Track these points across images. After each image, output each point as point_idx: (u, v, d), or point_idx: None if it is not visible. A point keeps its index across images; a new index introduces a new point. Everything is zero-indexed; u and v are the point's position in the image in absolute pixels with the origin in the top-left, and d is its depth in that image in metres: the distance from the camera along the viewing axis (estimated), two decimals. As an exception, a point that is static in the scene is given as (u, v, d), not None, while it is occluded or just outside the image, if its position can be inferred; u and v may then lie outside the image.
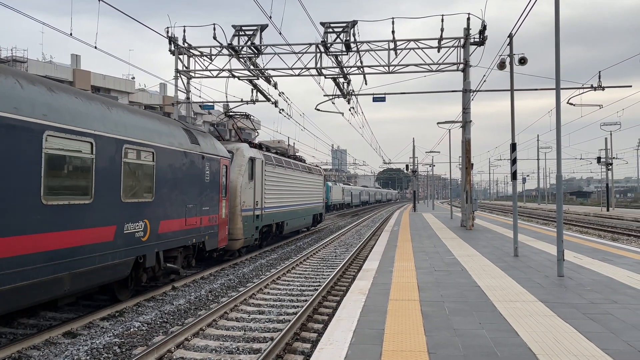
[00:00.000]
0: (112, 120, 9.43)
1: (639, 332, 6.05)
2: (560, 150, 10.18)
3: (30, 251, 7.25)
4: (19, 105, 7.12)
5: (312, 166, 29.63)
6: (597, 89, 22.94)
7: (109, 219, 9.17)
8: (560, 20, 9.90)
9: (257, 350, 7.49)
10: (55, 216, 7.77)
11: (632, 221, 38.04)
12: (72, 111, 8.32)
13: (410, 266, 11.35)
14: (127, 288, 10.63)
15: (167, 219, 11.36)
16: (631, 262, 11.84)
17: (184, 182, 12.23)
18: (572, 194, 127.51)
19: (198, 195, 13.05)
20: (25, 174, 7.16)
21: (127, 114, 10.23)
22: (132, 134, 9.97)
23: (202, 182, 13.30)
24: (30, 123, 7.28)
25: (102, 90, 57.31)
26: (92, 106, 9.01)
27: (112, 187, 9.30)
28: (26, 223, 7.19)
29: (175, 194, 11.73)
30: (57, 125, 7.84)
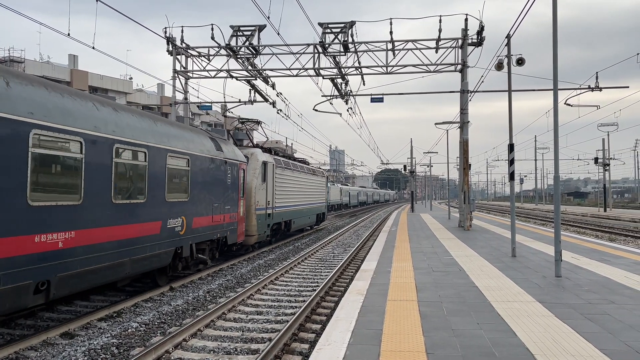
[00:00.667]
0: (158, 133, 11.25)
1: (637, 332, 6.07)
2: (557, 151, 10.20)
3: (105, 240, 9.14)
4: (96, 124, 9.07)
5: (315, 168, 31.29)
6: (595, 89, 23.00)
7: (157, 215, 10.96)
8: (557, 20, 9.92)
9: (255, 350, 7.48)
10: (121, 212, 9.65)
11: (629, 222, 38.13)
12: (133, 127, 10.24)
13: (408, 266, 11.36)
14: (166, 275, 12.27)
15: (199, 216, 13.16)
16: (628, 263, 11.87)
17: (211, 184, 14.03)
18: (569, 195, 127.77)
19: (221, 196, 14.82)
20: (104, 180, 9.18)
21: (169, 127, 12.07)
22: (174, 145, 11.80)
23: (224, 184, 15.09)
24: (106, 139, 9.28)
25: (99, 91, 57.23)
26: (143, 122, 10.83)
27: (160, 189, 11.09)
28: (102, 217, 9.09)
29: (204, 194, 13.52)
30: (125, 139, 9.82)
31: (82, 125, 8.67)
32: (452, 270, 10.88)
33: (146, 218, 10.51)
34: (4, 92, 7.12)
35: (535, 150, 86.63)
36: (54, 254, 7.87)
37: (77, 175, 8.47)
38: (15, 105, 7.23)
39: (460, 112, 22.62)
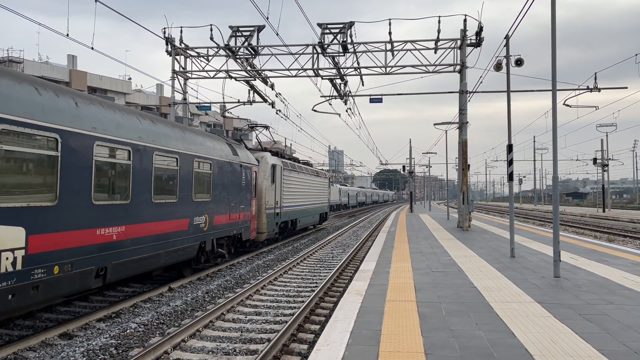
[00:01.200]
0: (187, 141, 12.81)
1: (635, 332, 6.07)
2: (556, 151, 10.21)
3: (146, 234, 10.59)
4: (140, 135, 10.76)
5: (318, 170, 32.92)
6: (593, 90, 23.02)
7: (186, 213, 12.44)
8: (556, 21, 9.93)
9: (253, 351, 7.48)
10: (159, 210, 11.10)
11: (628, 222, 38.17)
12: (167, 136, 11.76)
13: (407, 267, 11.36)
14: (190, 267, 13.72)
15: (219, 214, 14.61)
16: (627, 263, 11.88)
17: (229, 186, 15.50)
18: (568, 195, 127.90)
19: (237, 196, 16.35)
20: (146, 182, 10.63)
21: (195, 136, 13.64)
22: (199, 151, 13.33)
23: (240, 185, 16.62)
24: (147, 147, 10.74)
25: (98, 91, 57.17)
26: (175, 132, 12.35)
27: (188, 190, 12.54)
28: (145, 214, 10.54)
29: (223, 195, 15.00)
30: (162, 147, 11.33)
31: (130, 136, 10.08)
32: (451, 270, 10.89)
33: (177, 216, 12.05)
34: (74, 111, 8.57)
35: (534, 151, 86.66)
36: (110, 245, 9.39)
37: (126, 179, 9.96)
38: (83, 121, 8.71)
39: (459, 113, 22.64)
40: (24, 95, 7.51)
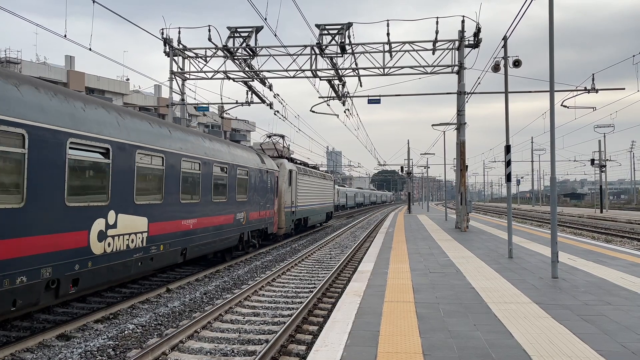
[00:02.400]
0: (232, 154, 16.16)
1: (633, 333, 6.08)
2: (554, 152, 10.23)
3: (209, 225, 13.98)
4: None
5: (325, 173, 36.50)
6: (591, 91, 23.06)
7: (231, 210, 15.87)
8: (553, 22, 9.95)
9: (252, 352, 7.47)
10: (216, 207, 14.56)
11: (626, 223, 38.24)
12: (222, 152, 15.35)
13: (405, 268, 11.37)
14: (231, 253, 16.99)
15: (252, 211, 18.15)
16: (625, 264, 11.90)
17: (259, 188, 18.96)
18: (566, 196, 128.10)
19: (264, 196, 19.72)
20: (210, 186, 14.03)
21: (236, 149, 17.22)
22: (240, 162, 16.79)
23: (266, 188, 19.99)
24: (209, 160, 14.19)
25: (96, 92, 57.08)
26: (224, 147, 15.77)
27: (233, 192, 15.94)
28: (208, 210, 13.97)
29: (256, 195, 18.46)
30: (219, 161, 14.91)
31: (199, 153, 13.53)
32: (449, 271, 10.89)
33: (226, 212, 15.43)
34: (185, 141, 12.81)
35: (532, 152, 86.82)
36: (188, 232, 12.70)
37: (198, 184, 13.36)
38: (178, 144, 12.36)
39: (457, 114, 22.66)
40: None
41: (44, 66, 53.18)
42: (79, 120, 8.66)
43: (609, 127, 51.78)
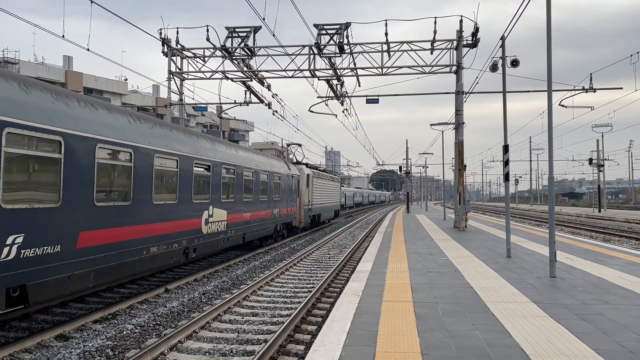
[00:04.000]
0: (270, 164, 21.03)
1: (631, 332, 6.10)
2: (552, 151, 10.25)
3: (257, 218, 18.63)
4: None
5: (334, 176, 40.98)
6: (589, 91, 23.09)
7: (270, 206, 20.88)
8: (551, 21, 9.96)
9: (250, 352, 7.48)
10: (262, 204, 19.23)
11: (624, 222, 38.31)
12: (265, 164, 20.30)
13: (403, 267, 11.38)
14: (267, 240, 21.69)
15: (283, 208, 23.11)
16: (622, 263, 11.92)
17: (286, 190, 23.89)
18: (564, 195, 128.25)
19: (290, 196, 24.82)
20: (260, 188, 18.65)
21: (272, 160, 22.15)
22: (275, 169, 21.64)
23: (291, 189, 25.10)
24: (256, 171, 18.98)
25: (94, 92, 57.01)
26: (264, 159, 20.73)
27: (272, 193, 20.97)
28: (257, 206, 18.58)
29: (284, 195, 23.49)
30: (264, 170, 19.89)
31: (251, 165, 18.24)
32: (447, 271, 10.91)
33: (267, 208, 20.54)
34: (244, 158, 17.50)
35: (530, 151, 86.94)
36: (247, 222, 17.60)
37: (252, 187, 17.92)
38: (241, 160, 17.20)
39: (455, 113, 22.68)
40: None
41: (42, 66, 53.11)
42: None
43: (607, 127, 51.82)
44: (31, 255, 7.55)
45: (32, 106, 7.67)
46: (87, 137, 8.89)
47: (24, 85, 7.81)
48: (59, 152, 8.16)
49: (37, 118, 7.69)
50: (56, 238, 8.09)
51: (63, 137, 8.21)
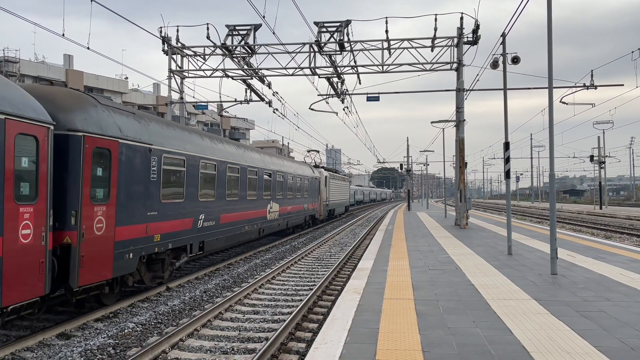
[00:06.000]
0: (301, 168, 27.65)
1: (632, 329, 6.10)
2: (553, 149, 10.23)
3: (295, 211, 25.20)
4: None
5: (344, 177, 47.59)
6: (590, 87, 23.05)
7: (302, 202, 26.73)
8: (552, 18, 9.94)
9: (252, 350, 7.48)
10: (296, 200, 25.47)
11: (625, 219, 38.26)
12: (297, 168, 26.82)
13: (404, 265, 11.38)
14: (302, 228, 28.68)
15: (309, 203, 28.69)
16: (624, 260, 11.92)
17: (311, 189, 29.48)
18: (565, 192, 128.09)
19: (313, 194, 30.34)
20: (296, 189, 25.38)
21: (301, 165, 28.74)
22: (303, 173, 27.49)
23: (315, 188, 30.90)
24: (295, 176, 26.02)
25: (95, 91, 57.01)
26: (295, 165, 26.94)
27: (302, 192, 26.78)
28: (295, 202, 25.07)
29: (310, 194, 29.10)
30: (299, 174, 26.72)
31: (289, 171, 23.91)
32: (448, 268, 10.91)
33: (300, 203, 26.35)
34: (278, 162, 22.59)
35: (531, 149, 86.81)
36: (289, 213, 23.77)
37: (292, 187, 23.84)
38: (275, 168, 21.66)
39: (456, 111, 22.66)
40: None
41: (42, 65, 53.11)
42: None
43: (608, 124, 51.73)
44: (205, 225, 13.79)
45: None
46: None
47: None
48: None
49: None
50: (213, 217, 14.29)
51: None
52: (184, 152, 12.49)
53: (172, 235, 11.88)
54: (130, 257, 10.11)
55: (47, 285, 7.77)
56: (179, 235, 12.19)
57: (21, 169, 7.35)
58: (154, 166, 10.99)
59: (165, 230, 11.50)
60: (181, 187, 12.35)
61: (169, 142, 11.76)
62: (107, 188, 9.39)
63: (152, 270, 11.65)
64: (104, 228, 9.20)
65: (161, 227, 11.31)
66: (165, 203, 11.52)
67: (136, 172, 10.29)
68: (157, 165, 11.13)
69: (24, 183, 7.40)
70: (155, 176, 11.03)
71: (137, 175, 10.30)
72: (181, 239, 12.36)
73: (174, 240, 12.01)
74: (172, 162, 11.82)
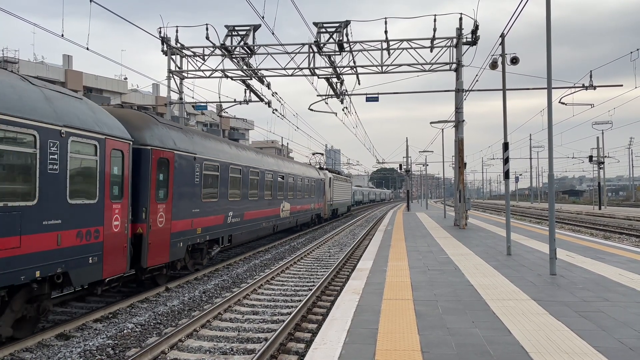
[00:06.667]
0: (310, 171, 30.89)
1: (631, 329, 6.10)
2: (552, 149, 10.24)
3: (303, 210, 27.57)
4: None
5: (347, 178, 50.43)
6: (589, 88, 23.06)
7: (309, 202, 29.41)
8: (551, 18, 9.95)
9: (251, 350, 7.49)
10: (305, 199, 28.18)
11: (624, 219, 38.29)
12: (308, 172, 30.30)
13: (403, 265, 11.39)
14: (308, 225, 31.12)
15: (315, 203, 31.30)
16: (623, 260, 11.93)
17: (317, 189, 32.02)
18: (564, 193, 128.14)
19: (319, 194, 32.89)
20: (305, 189, 28.36)
21: (310, 169, 31.35)
22: (311, 175, 30.41)
23: (320, 189, 33.41)
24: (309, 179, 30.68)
25: (94, 91, 56.98)
26: (304, 168, 29.62)
27: (311, 193, 30.16)
28: (304, 201, 28.07)
29: (316, 194, 31.84)
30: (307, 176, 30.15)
31: (297, 173, 26.01)
32: (447, 268, 10.91)
33: (308, 203, 28.63)
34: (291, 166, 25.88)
35: (530, 149, 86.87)
36: (299, 211, 26.17)
37: (302, 188, 26.79)
38: (292, 172, 25.41)
39: (455, 111, 22.67)
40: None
41: (41, 65, 53.08)
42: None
43: (607, 124, 51.79)
44: (233, 221, 16.12)
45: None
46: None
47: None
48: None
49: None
50: (239, 214, 16.67)
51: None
52: (218, 160, 14.82)
53: (210, 229, 14.30)
54: (181, 246, 12.46)
55: (128, 264, 10.07)
56: (214, 229, 14.67)
57: (113, 175, 9.63)
58: (197, 172, 13.34)
59: (204, 224, 13.91)
60: (216, 188, 14.69)
61: (207, 151, 14.12)
62: (166, 189, 11.75)
63: (193, 258, 13.90)
64: (163, 222, 11.58)
65: (202, 222, 13.73)
66: (205, 202, 13.88)
67: (185, 176, 12.67)
68: (199, 171, 13.50)
69: (115, 186, 9.70)
70: (198, 180, 13.38)
71: (186, 179, 12.68)
72: (216, 232, 14.79)
73: (211, 233, 14.43)
74: (209, 168, 14.18)
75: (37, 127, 7.58)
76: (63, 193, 8.18)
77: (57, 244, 7.99)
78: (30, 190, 7.47)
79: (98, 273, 9.08)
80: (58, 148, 8.07)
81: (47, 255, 7.78)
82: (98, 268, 9.06)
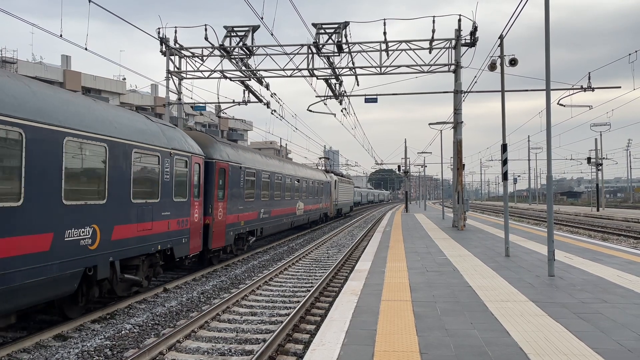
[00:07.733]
0: (316, 175, 33.98)
1: (629, 331, 6.11)
2: (550, 150, 10.25)
3: (312, 209, 31.28)
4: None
5: (350, 180, 53.30)
6: (587, 90, 23.10)
7: (318, 202, 33.29)
8: (549, 20, 9.96)
9: (249, 351, 7.47)
10: (315, 199, 32.09)
11: (622, 221, 38.34)
12: (314, 174, 33.92)
13: (402, 267, 11.38)
14: (317, 223, 34.48)
15: (322, 202, 34.88)
16: (621, 262, 11.94)
17: (324, 191, 35.60)
18: (562, 194, 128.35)
19: (326, 195, 36.29)
20: (314, 191, 31.91)
21: (317, 172, 35.86)
22: (319, 178, 33.88)
23: (327, 190, 36.84)
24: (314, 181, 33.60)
25: (92, 92, 56.90)
26: (312, 172, 33.87)
27: (319, 194, 33.66)
28: (313, 200, 31.21)
29: (324, 195, 35.50)
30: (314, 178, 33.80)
31: (300, 175, 27.61)
32: (446, 270, 10.91)
33: (317, 202, 32.62)
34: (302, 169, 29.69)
35: (529, 150, 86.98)
36: (310, 210, 30.57)
37: (313, 190, 31.29)
38: (313, 176, 32.73)
39: (453, 113, 22.68)
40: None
41: (40, 66, 53.02)
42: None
43: (605, 126, 51.91)
44: (264, 217, 19.84)
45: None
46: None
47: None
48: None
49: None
50: (267, 211, 20.36)
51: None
52: (255, 167, 18.76)
53: (249, 222, 18.23)
54: (231, 234, 16.41)
55: (201, 245, 14.02)
56: (252, 222, 18.55)
57: (195, 181, 13.38)
58: (242, 177, 17.23)
59: (246, 218, 17.80)
60: (253, 190, 18.49)
61: (247, 161, 18.15)
62: (223, 191, 15.63)
63: (237, 244, 17.41)
64: (221, 215, 15.41)
65: (244, 216, 17.59)
66: (246, 201, 17.69)
67: (235, 181, 16.57)
68: (243, 177, 17.39)
69: (196, 189, 13.51)
70: (242, 184, 17.24)
71: (235, 183, 16.59)
72: (253, 225, 18.70)
73: (250, 226, 18.28)
74: (249, 174, 18.09)
75: (160, 150, 11.35)
76: (171, 194, 11.88)
77: (168, 228, 11.72)
78: (156, 191, 11.16)
79: (187, 249, 12.85)
80: (169, 164, 11.81)
81: (163, 235, 11.51)
82: (187, 246, 12.84)
